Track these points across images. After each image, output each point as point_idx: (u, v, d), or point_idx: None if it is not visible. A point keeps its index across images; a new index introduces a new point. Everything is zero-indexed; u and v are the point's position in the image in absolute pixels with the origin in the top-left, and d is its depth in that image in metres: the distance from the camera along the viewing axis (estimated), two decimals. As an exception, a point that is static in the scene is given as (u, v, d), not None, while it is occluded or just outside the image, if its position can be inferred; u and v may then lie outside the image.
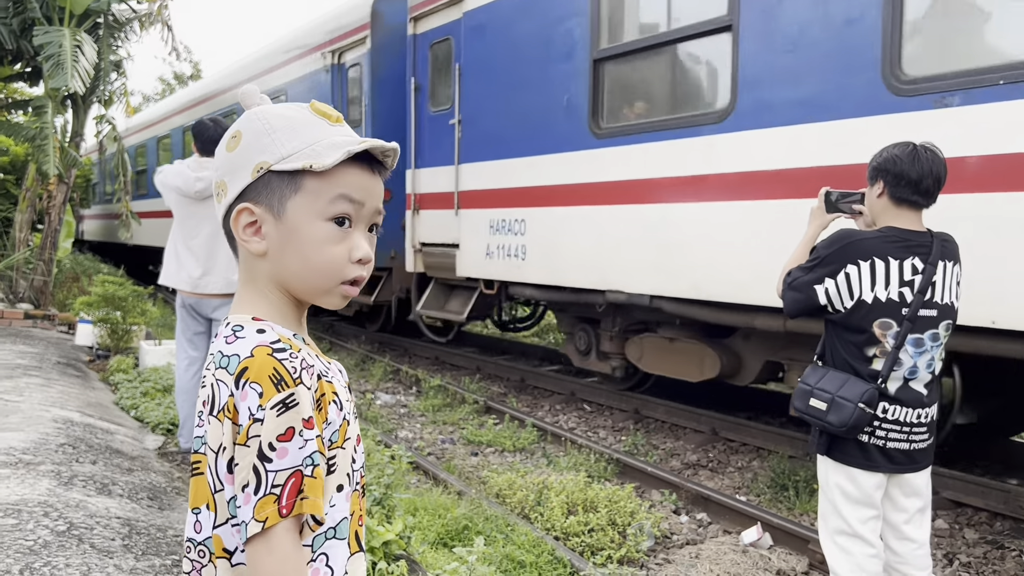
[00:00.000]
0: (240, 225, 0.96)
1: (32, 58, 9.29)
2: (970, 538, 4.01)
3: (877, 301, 2.29)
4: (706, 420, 5.88)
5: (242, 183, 0.96)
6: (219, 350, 0.94)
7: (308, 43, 9.73)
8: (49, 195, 9.84)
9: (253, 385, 0.88)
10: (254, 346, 0.91)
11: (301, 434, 0.88)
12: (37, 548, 2.72)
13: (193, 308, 4.64)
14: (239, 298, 1.01)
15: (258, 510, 0.85)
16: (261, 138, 0.95)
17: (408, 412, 6.76)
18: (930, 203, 2.35)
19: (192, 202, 4.47)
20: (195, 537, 0.95)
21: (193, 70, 30.41)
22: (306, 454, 0.88)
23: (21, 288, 9.54)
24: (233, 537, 0.91)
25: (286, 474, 0.86)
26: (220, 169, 0.98)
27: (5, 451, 3.81)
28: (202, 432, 0.94)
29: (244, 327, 0.95)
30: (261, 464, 0.86)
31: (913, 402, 2.34)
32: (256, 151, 0.95)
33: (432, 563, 3.23)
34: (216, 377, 0.92)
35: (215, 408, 0.91)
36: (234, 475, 0.88)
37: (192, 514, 0.95)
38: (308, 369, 0.92)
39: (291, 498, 0.86)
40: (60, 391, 5.57)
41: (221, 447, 0.90)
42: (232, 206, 0.97)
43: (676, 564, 3.64)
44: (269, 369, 0.88)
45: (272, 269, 0.97)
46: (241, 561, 0.91)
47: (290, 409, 0.88)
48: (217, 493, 0.91)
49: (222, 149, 0.98)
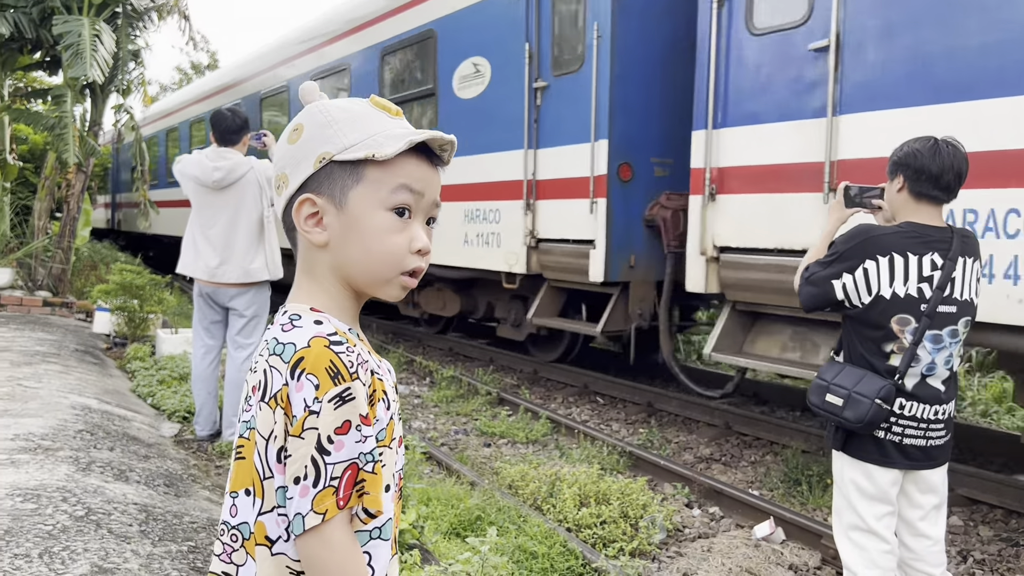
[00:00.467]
0: (302, 216, 0.97)
1: (51, 47, 9.35)
2: (985, 535, 3.99)
3: (895, 297, 2.28)
4: (719, 414, 5.86)
5: (304, 174, 0.96)
6: (274, 336, 0.94)
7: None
8: (68, 184, 9.93)
9: (309, 376, 0.88)
10: (311, 336, 0.91)
11: (359, 428, 0.89)
12: (56, 532, 2.76)
13: (210, 297, 4.67)
14: (298, 288, 1.01)
15: (317, 502, 0.86)
16: (324, 130, 0.96)
17: (422, 403, 6.79)
18: (951, 198, 2.33)
19: (210, 191, 4.50)
20: (229, 520, 0.95)
21: (210, 60, 30.51)
22: (363, 449, 0.89)
23: (40, 276, 9.63)
24: (277, 526, 0.91)
25: (343, 466, 0.88)
26: (281, 162, 0.99)
27: (25, 436, 3.86)
28: (249, 417, 0.94)
29: (302, 316, 0.95)
30: (320, 457, 0.87)
31: (930, 398, 2.33)
32: (318, 142, 0.96)
33: (445, 552, 3.24)
34: (269, 364, 0.92)
35: (267, 395, 0.91)
36: (285, 465, 0.89)
37: (229, 497, 0.95)
38: (363, 364, 0.93)
39: (348, 490, 0.88)
40: (78, 378, 5.62)
41: (272, 435, 0.90)
42: (293, 197, 0.98)
43: (688, 557, 3.64)
44: (326, 361, 0.89)
45: (333, 259, 0.98)
46: (282, 551, 0.91)
47: (347, 403, 0.88)
48: (266, 480, 0.91)
49: (283, 143, 0.99)
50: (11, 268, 9.25)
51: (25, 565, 2.48)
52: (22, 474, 3.30)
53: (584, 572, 3.39)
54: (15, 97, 11.25)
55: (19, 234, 10.20)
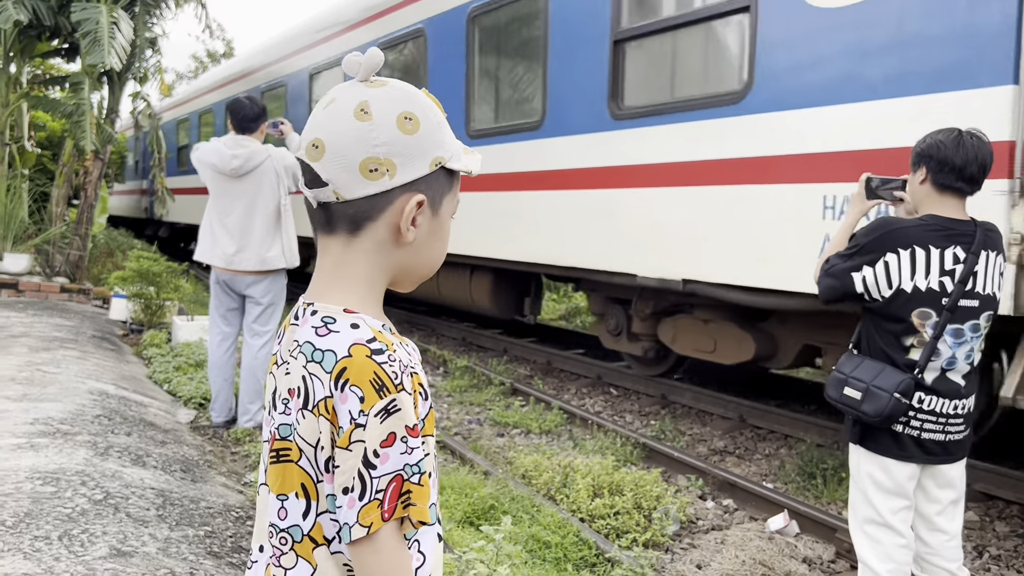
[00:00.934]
0: (411, 214, 0.95)
1: (69, 34, 9.39)
2: (1001, 531, 3.97)
3: (916, 290, 2.26)
4: (734, 407, 5.85)
5: (418, 172, 0.95)
6: (309, 341, 0.93)
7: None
8: (85, 171, 9.99)
9: (353, 389, 0.88)
10: (351, 344, 0.90)
11: (404, 440, 0.89)
12: (75, 516, 2.79)
13: (227, 284, 4.69)
14: (331, 283, 0.98)
15: (363, 516, 0.87)
16: (438, 132, 0.96)
17: (436, 392, 6.81)
18: (975, 190, 2.30)
19: (227, 179, 4.51)
20: (278, 523, 0.95)
21: (226, 48, 30.60)
22: (410, 460, 0.89)
23: (57, 262, 9.71)
24: (332, 527, 0.93)
25: (388, 479, 0.88)
26: (388, 147, 0.93)
27: (44, 421, 3.90)
28: (289, 420, 0.94)
29: (336, 319, 0.94)
30: (367, 471, 0.87)
31: (950, 393, 2.31)
32: (434, 144, 0.96)
33: (459, 541, 3.26)
34: (309, 371, 0.91)
35: (309, 403, 0.91)
36: (333, 475, 0.90)
37: (277, 500, 0.95)
38: (405, 370, 0.92)
39: (392, 502, 0.88)
40: (95, 364, 5.67)
41: (319, 444, 0.91)
42: (393, 191, 0.95)
43: (701, 549, 3.64)
44: (369, 374, 0.88)
45: (407, 258, 0.99)
46: (339, 550, 0.93)
47: (392, 415, 0.88)
48: (319, 484, 0.93)
49: (392, 126, 0.93)
50: (29, 254, 9.33)
51: (45, 547, 2.51)
52: (41, 458, 3.34)
53: (597, 562, 3.39)
54: (33, 84, 11.31)
55: (37, 221, 10.28)
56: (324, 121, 0.95)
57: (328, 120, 0.94)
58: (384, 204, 0.94)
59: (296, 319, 0.99)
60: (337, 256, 0.98)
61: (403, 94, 0.95)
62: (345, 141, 0.92)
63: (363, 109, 0.93)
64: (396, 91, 0.95)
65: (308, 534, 0.94)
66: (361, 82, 0.96)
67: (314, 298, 0.98)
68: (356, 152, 0.92)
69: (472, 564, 2.72)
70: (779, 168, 4.39)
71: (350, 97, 0.94)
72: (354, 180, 0.93)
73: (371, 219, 0.95)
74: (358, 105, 0.93)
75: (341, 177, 0.93)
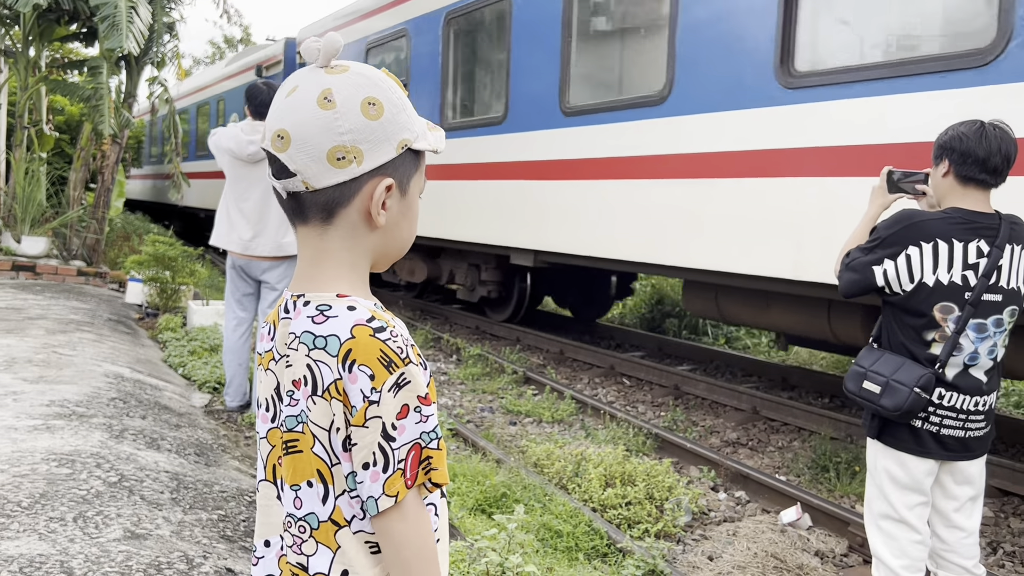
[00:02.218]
0: (380, 198, 0.95)
1: (88, 19, 9.41)
2: (1016, 527, 3.94)
3: (939, 284, 2.23)
4: (747, 398, 5.82)
5: (386, 157, 0.95)
6: (307, 331, 0.93)
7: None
8: (103, 155, 10.04)
9: (362, 368, 0.89)
10: (352, 325, 0.91)
11: (418, 410, 0.91)
12: (90, 497, 2.81)
13: (243, 269, 4.71)
14: (317, 272, 0.99)
15: (388, 486, 0.90)
16: (401, 113, 0.96)
17: (448, 380, 6.82)
18: (999, 182, 2.26)
19: (244, 165, 4.52)
20: (295, 513, 0.97)
21: (243, 33, 30.62)
22: (426, 428, 0.92)
23: (74, 245, 9.78)
24: (351, 507, 0.95)
25: (407, 448, 0.91)
26: (354, 134, 0.92)
27: (60, 403, 3.92)
28: (297, 411, 0.95)
29: (332, 306, 0.95)
30: (387, 444, 0.90)
31: (971, 389, 2.28)
32: (398, 127, 0.96)
33: (471, 528, 3.26)
34: (313, 359, 0.92)
35: (319, 389, 0.92)
36: (351, 453, 0.92)
37: (291, 490, 0.97)
38: (408, 344, 0.94)
39: (414, 469, 0.92)
40: (111, 347, 5.71)
41: (333, 426, 0.92)
42: (362, 177, 0.95)
43: (713, 541, 3.63)
44: (376, 352, 0.90)
45: (380, 241, 1.00)
46: (359, 529, 0.95)
47: (403, 388, 0.90)
48: (334, 467, 0.94)
49: (357, 113, 0.93)
50: (47, 237, 9.39)
51: (60, 528, 2.53)
52: (57, 440, 3.36)
53: (609, 552, 3.39)
54: (52, 68, 11.36)
55: (54, 204, 10.34)
56: (287, 111, 0.94)
57: (292, 110, 0.94)
58: (354, 191, 0.95)
59: (287, 312, 0.99)
60: (315, 246, 0.98)
61: (366, 79, 0.95)
62: (310, 130, 0.92)
63: (326, 97, 0.92)
64: (358, 76, 0.95)
65: (328, 518, 0.95)
66: (321, 68, 0.95)
67: (302, 289, 0.99)
68: (322, 141, 0.92)
69: (484, 552, 2.72)
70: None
71: (312, 85, 0.94)
72: (322, 169, 0.93)
73: (342, 206, 0.96)
74: (321, 93, 0.92)
75: (309, 167, 0.93)
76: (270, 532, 1.03)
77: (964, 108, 3.44)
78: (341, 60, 0.97)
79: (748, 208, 4.64)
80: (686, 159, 5.07)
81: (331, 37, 0.95)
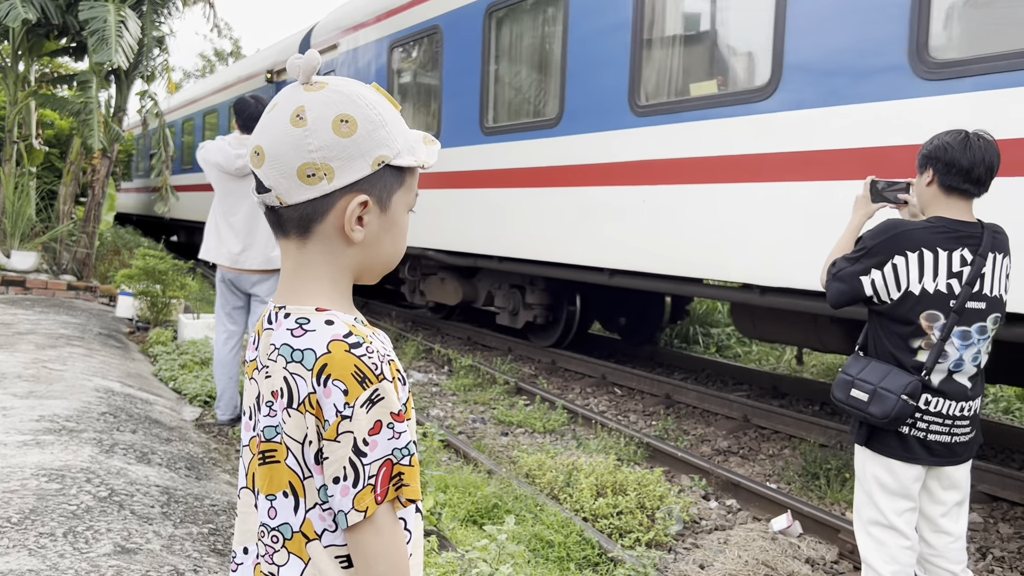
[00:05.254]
0: (355, 215, 0.96)
1: (77, 33, 9.42)
2: (1004, 532, 3.96)
3: (925, 293, 2.26)
4: (738, 407, 5.84)
5: (359, 174, 0.95)
6: (285, 343, 0.95)
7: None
8: (93, 169, 10.02)
9: (336, 383, 0.91)
10: (328, 340, 0.93)
11: (391, 426, 0.92)
12: (80, 513, 2.80)
13: (232, 283, 4.71)
14: (298, 285, 1.00)
15: (358, 501, 0.91)
16: (379, 130, 0.96)
17: (440, 391, 6.82)
18: (981, 192, 2.30)
19: (232, 179, 4.53)
20: (268, 523, 0.98)
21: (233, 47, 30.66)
22: (398, 444, 0.93)
23: (64, 260, 9.75)
24: (322, 521, 0.96)
25: (378, 464, 0.92)
26: (324, 151, 0.93)
27: (50, 418, 3.91)
28: (275, 422, 0.96)
29: (311, 319, 0.96)
30: (357, 459, 0.91)
31: (957, 395, 2.31)
32: (375, 144, 0.95)
33: (462, 539, 3.26)
34: (290, 371, 0.94)
35: (294, 402, 0.93)
36: (323, 467, 0.93)
37: (267, 500, 0.98)
38: (384, 359, 0.95)
39: (384, 485, 0.92)
40: (101, 361, 5.69)
41: (307, 439, 0.93)
42: (335, 193, 0.95)
43: (704, 549, 3.64)
44: (350, 367, 0.91)
45: (361, 257, 1.00)
46: (331, 543, 0.96)
47: (376, 404, 0.91)
48: (306, 480, 0.95)
49: (328, 131, 0.93)
50: (36, 252, 9.36)
51: (50, 543, 2.52)
52: (47, 455, 3.35)
53: (600, 562, 3.39)
54: (41, 82, 11.35)
55: (44, 218, 10.32)
56: (265, 127, 0.96)
57: (268, 126, 0.96)
58: (327, 207, 0.96)
59: (269, 323, 1.00)
60: (295, 259, 1.00)
61: (342, 96, 0.95)
62: (282, 148, 0.94)
63: (298, 115, 0.94)
64: (334, 94, 0.95)
65: (299, 530, 0.96)
66: (302, 85, 0.97)
67: (284, 301, 1.00)
68: (292, 158, 0.93)
69: (475, 563, 2.72)
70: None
71: (289, 102, 0.95)
72: (293, 185, 0.94)
73: (317, 222, 0.97)
74: (294, 111, 0.94)
75: (281, 183, 0.95)
76: (248, 539, 1.03)
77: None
78: (321, 76, 0.98)
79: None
80: (783, 158, 4.46)
81: (309, 54, 0.96)
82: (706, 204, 4.91)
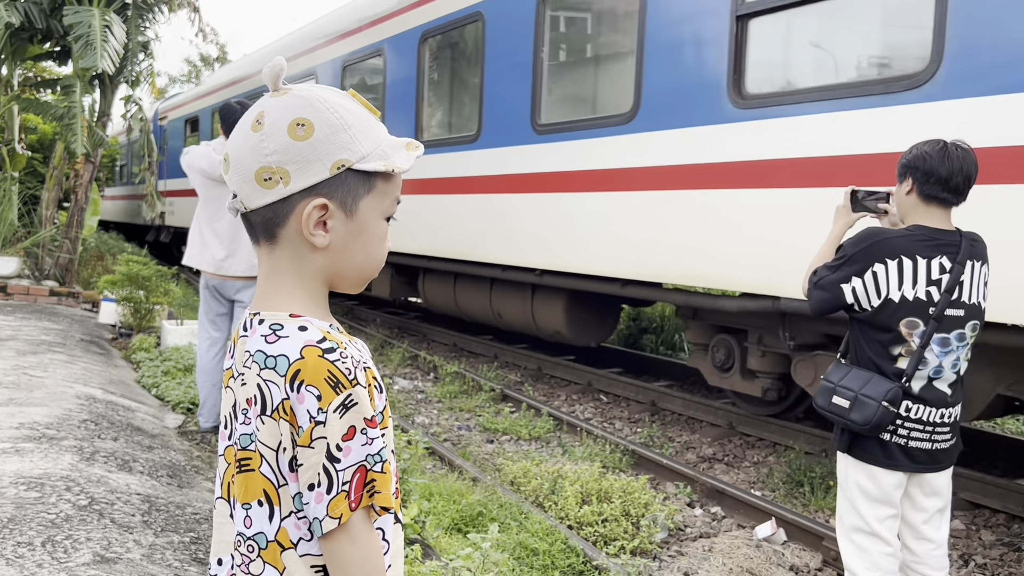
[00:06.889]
0: (312, 219, 0.95)
1: (62, 37, 9.37)
2: (987, 539, 3.98)
3: (904, 300, 2.27)
4: (723, 414, 5.86)
5: (316, 178, 0.94)
6: (259, 349, 0.94)
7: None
8: (76, 174, 9.95)
9: (309, 388, 0.90)
10: (302, 346, 0.92)
11: (364, 432, 0.92)
12: (59, 522, 2.77)
13: (216, 289, 4.68)
14: (271, 291, 0.99)
15: (332, 508, 0.90)
16: (339, 134, 0.95)
17: (425, 398, 6.80)
18: (959, 201, 2.32)
19: (217, 184, 4.51)
20: (245, 532, 0.97)
21: (219, 52, 30.57)
22: (371, 451, 0.93)
23: (47, 265, 9.66)
24: (298, 529, 0.95)
25: (352, 470, 0.91)
26: (280, 155, 0.93)
27: (29, 425, 3.87)
28: (250, 431, 0.95)
29: (284, 325, 0.95)
30: (331, 465, 0.90)
31: (937, 402, 2.32)
32: (334, 147, 0.95)
33: (446, 548, 3.25)
34: (263, 378, 0.93)
35: (267, 409, 0.93)
36: (297, 474, 0.92)
37: (242, 509, 0.97)
38: (358, 365, 0.94)
39: (358, 492, 0.92)
40: (83, 368, 5.64)
41: (280, 446, 0.93)
42: (292, 197, 0.95)
43: (689, 557, 3.64)
44: (324, 372, 0.91)
45: (329, 263, 0.99)
46: (306, 552, 0.95)
47: (349, 410, 0.91)
48: (281, 488, 0.94)
49: (283, 135, 0.93)
50: (18, 257, 9.28)
51: (28, 553, 2.49)
52: (26, 463, 3.32)
53: (585, 570, 3.39)
54: (24, 87, 11.27)
55: (27, 224, 10.23)
56: (233, 134, 0.99)
57: (235, 133, 0.98)
58: (287, 211, 0.96)
59: (245, 331, 1.00)
60: (267, 265, 1.00)
61: (300, 100, 0.95)
62: (242, 153, 0.96)
63: (258, 120, 0.95)
64: (293, 99, 0.96)
65: (274, 539, 0.95)
66: (271, 92, 0.98)
67: (259, 307, 1.00)
68: (251, 163, 0.95)
69: (459, 572, 2.71)
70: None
71: (254, 109, 0.98)
72: (252, 190, 0.95)
73: (279, 226, 0.97)
74: (255, 117, 0.96)
75: (242, 188, 0.96)
76: (224, 550, 1.02)
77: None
78: (293, 84, 0.99)
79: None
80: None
81: (275, 61, 0.97)
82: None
